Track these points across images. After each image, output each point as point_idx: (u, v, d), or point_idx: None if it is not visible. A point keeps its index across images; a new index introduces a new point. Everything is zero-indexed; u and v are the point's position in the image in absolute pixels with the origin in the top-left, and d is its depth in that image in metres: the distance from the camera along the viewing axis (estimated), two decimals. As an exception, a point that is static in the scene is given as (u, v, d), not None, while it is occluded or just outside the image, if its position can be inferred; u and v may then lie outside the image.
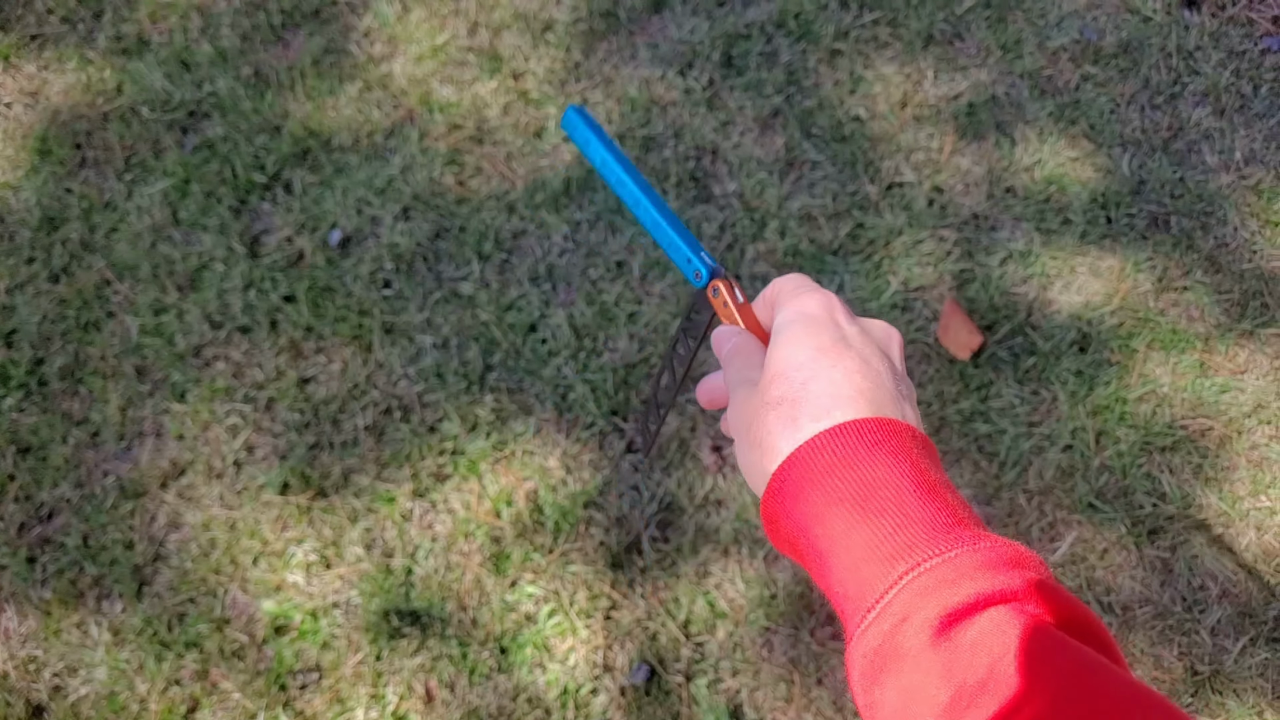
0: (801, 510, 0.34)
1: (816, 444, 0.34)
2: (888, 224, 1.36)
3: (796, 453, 0.34)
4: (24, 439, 1.28)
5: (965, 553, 0.31)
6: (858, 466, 0.33)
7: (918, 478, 0.33)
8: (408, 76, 1.50)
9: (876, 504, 0.32)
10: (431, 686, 1.13)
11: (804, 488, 0.34)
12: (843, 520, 0.33)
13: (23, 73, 1.55)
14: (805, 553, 0.35)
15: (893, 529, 0.32)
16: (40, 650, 1.15)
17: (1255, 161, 1.39)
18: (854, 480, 0.33)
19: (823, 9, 1.52)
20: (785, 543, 0.36)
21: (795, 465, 0.34)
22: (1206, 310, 1.30)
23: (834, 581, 0.33)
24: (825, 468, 0.34)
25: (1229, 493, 1.19)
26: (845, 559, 0.32)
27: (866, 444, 0.34)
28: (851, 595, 0.32)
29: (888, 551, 0.31)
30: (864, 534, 0.32)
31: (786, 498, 0.34)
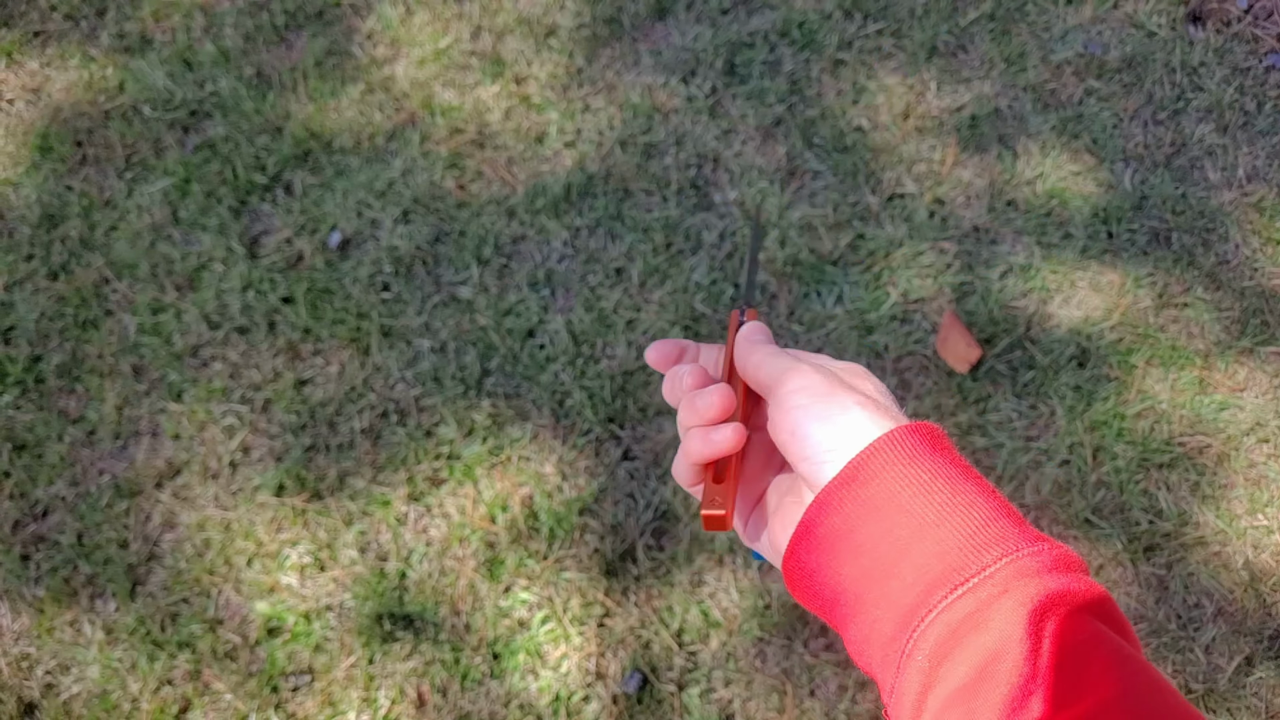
0: (877, 492, 0.34)
1: (896, 436, 0.34)
2: (888, 235, 1.36)
3: (877, 443, 0.34)
4: (20, 436, 1.28)
5: (1048, 548, 0.32)
6: (940, 462, 0.34)
7: (981, 480, 0.35)
8: (410, 79, 1.50)
9: (965, 496, 0.33)
10: (424, 691, 1.12)
11: (882, 473, 0.34)
12: (938, 502, 0.33)
13: (25, 69, 1.55)
14: (865, 544, 0.34)
15: (985, 519, 0.32)
16: (33, 648, 1.15)
17: (1258, 179, 1.39)
18: (941, 471, 0.34)
19: (827, 18, 1.52)
20: (832, 540, 0.35)
21: (875, 454, 0.34)
22: (1206, 327, 1.29)
23: (908, 569, 0.32)
24: (908, 454, 0.34)
25: (1226, 510, 1.19)
26: (932, 543, 0.32)
27: (934, 445, 0.35)
28: (933, 578, 0.32)
29: (985, 539, 0.32)
30: (960, 520, 0.33)
31: (861, 481, 0.34)
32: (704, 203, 1.40)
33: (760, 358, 0.40)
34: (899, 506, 0.33)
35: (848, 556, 0.34)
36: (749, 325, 0.44)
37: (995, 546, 0.32)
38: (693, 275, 1.34)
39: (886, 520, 0.33)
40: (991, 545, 0.32)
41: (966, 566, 0.31)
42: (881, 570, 0.33)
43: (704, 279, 1.34)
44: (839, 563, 0.34)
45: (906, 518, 0.33)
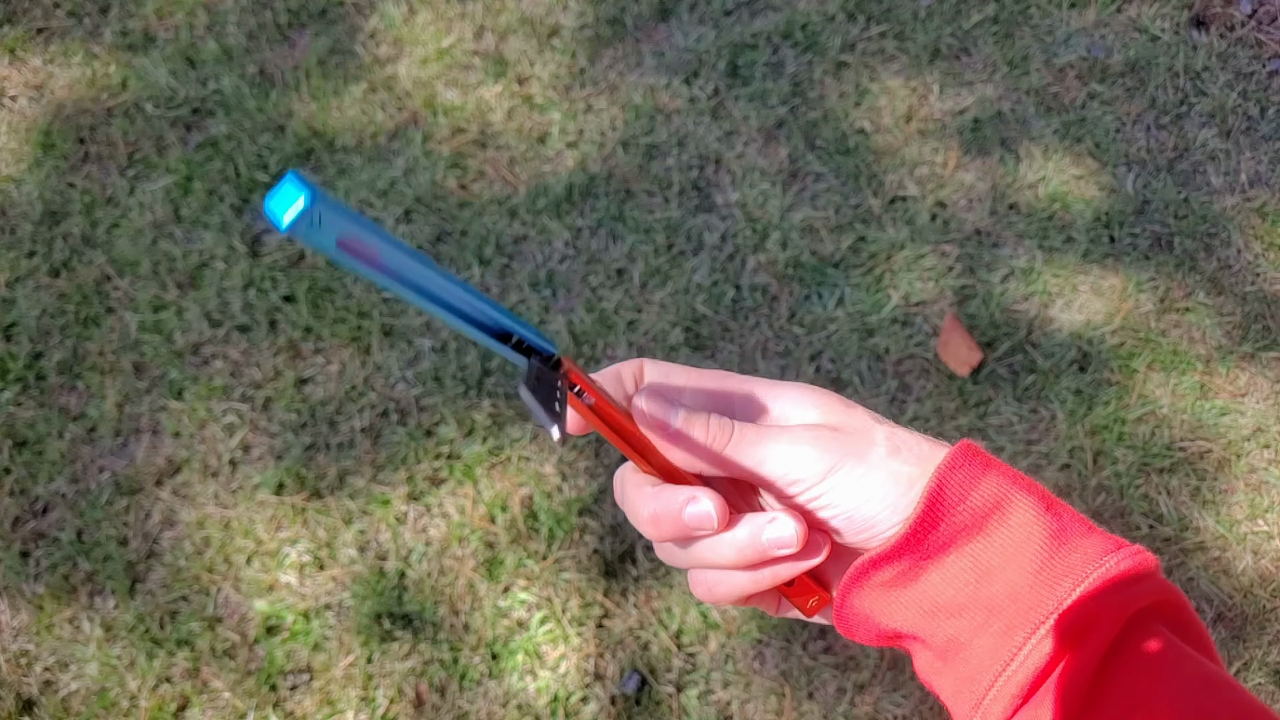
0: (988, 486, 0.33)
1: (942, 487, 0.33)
2: (890, 238, 1.36)
3: (926, 508, 0.32)
4: (20, 433, 1.28)
5: (1114, 563, 0.32)
6: (992, 489, 0.33)
7: None
8: (413, 79, 1.50)
9: (1022, 530, 0.33)
10: (422, 690, 1.12)
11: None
12: (1035, 504, 0.33)
13: (28, 66, 1.55)
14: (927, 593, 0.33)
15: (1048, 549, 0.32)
16: (32, 645, 1.15)
17: (1260, 184, 1.38)
18: (994, 499, 0.33)
19: (830, 20, 1.52)
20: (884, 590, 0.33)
21: (929, 517, 0.32)
22: (1208, 332, 1.29)
23: (979, 612, 0.32)
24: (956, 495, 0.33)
25: (1226, 516, 1.19)
26: (1002, 585, 0.32)
27: (974, 471, 0.33)
28: (1007, 622, 0.32)
29: (1052, 573, 0.32)
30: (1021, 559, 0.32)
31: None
32: (706, 204, 1.40)
33: (738, 453, 0.33)
34: (958, 553, 0.32)
35: (906, 602, 0.33)
36: (649, 405, 0.33)
37: (1063, 580, 0.31)
38: (694, 276, 1.34)
39: (947, 567, 0.32)
40: (1059, 580, 0.31)
41: (1040, 604, 0.31)
42: (947, 614, 0.32)
43: (705, 280, 1.34)
44: (895, 607, 0.33)
45: (970, 561, 0.32)
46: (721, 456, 0.33)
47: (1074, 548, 0.32)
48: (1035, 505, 0.33)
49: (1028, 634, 0.31)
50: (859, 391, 1.28)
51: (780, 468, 0.33)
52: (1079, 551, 0.32)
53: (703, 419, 0.33)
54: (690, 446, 0.33)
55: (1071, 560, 0.31)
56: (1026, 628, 0.31)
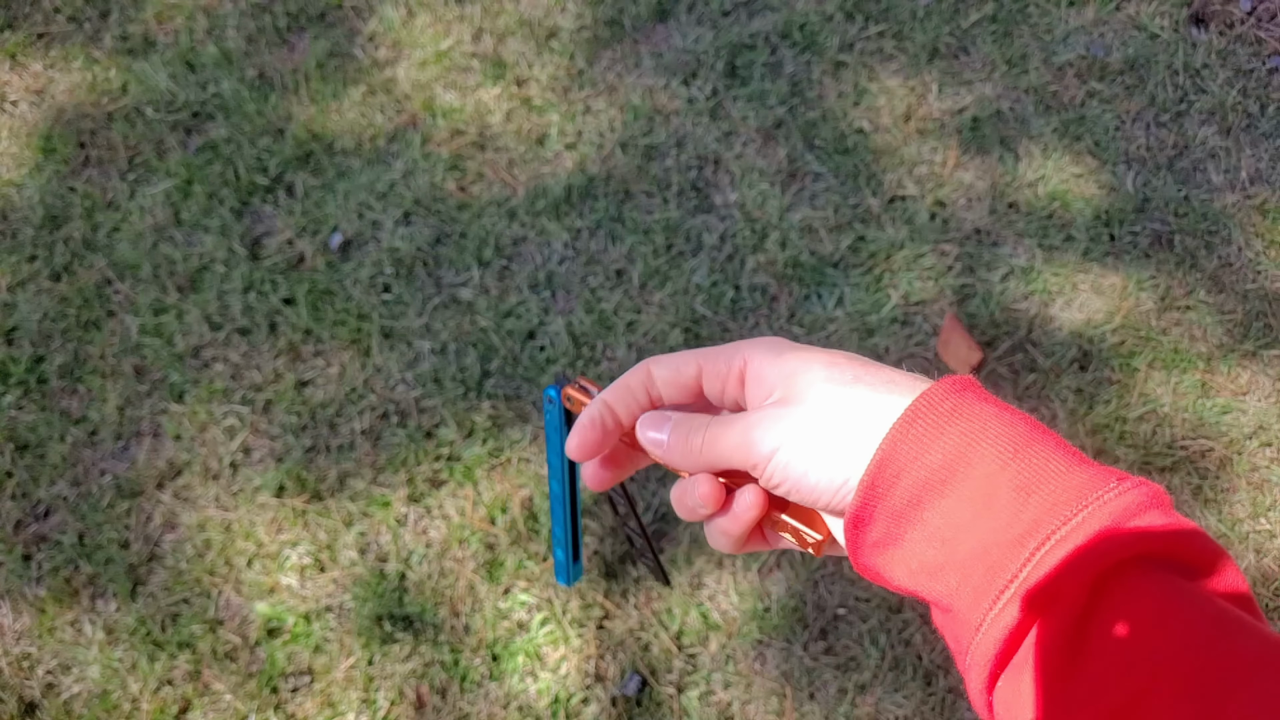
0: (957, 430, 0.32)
1: (937, 391, 0.32)
2: (889, 237, 1.36)
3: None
4: (22, 436, 1.28)
5: (1120, 492, 0.30)
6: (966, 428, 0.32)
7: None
8: (411, 81, 1.50)
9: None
10: (423, 692, 1.12)
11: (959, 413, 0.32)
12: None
13: (29, 71, 1.56)
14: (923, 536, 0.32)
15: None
16: (34, 647, 1.16)
17: (1261, 181, 1.38)
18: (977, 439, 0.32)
19: (828, 20, 1.52)
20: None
21: (934, 398, 0.32)
22: (1209, 330, 1.29)
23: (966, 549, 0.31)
24: (950, 410, 0.32)
25: (1228, 515, 1.18)
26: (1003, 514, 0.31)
27: (981, 396, 0.33)
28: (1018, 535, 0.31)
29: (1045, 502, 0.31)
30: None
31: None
32: (705, 205, 1.40)
33: (710, 443, 0.35)
34: (931, 508, 0.32)
35: (899, 563, 0.33)
36: (641, 430, 0.37)
37: (1031, 537, 0.30)
38: (693, 277, 1.34)
39: (923, 526, 0.32)
40: (1022, 541, 0.30)
41: (1005, 567, 0.30)
42: (930, 575, 0.32)
43: (704, 281, 1.34)
44: (893, 568, 0.33)
45: (941, 519, 0.31)
46: (699, 463, 0.36)
47: (1041, 498, 0.30)
48: (999, 454, 0.31)
49: (993, 599, 0.30)
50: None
51: (737, 456, 0.35)
52: (1046, 503, 0.30)
53: (682, 436, 0.36)
54: (682, 463, 0.37)
55: (1036, 513, 0.30)
56: (992, 592, 0.30)
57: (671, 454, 0.37)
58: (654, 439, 0.37)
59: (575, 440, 0.38)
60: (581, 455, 0.38)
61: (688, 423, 0.36)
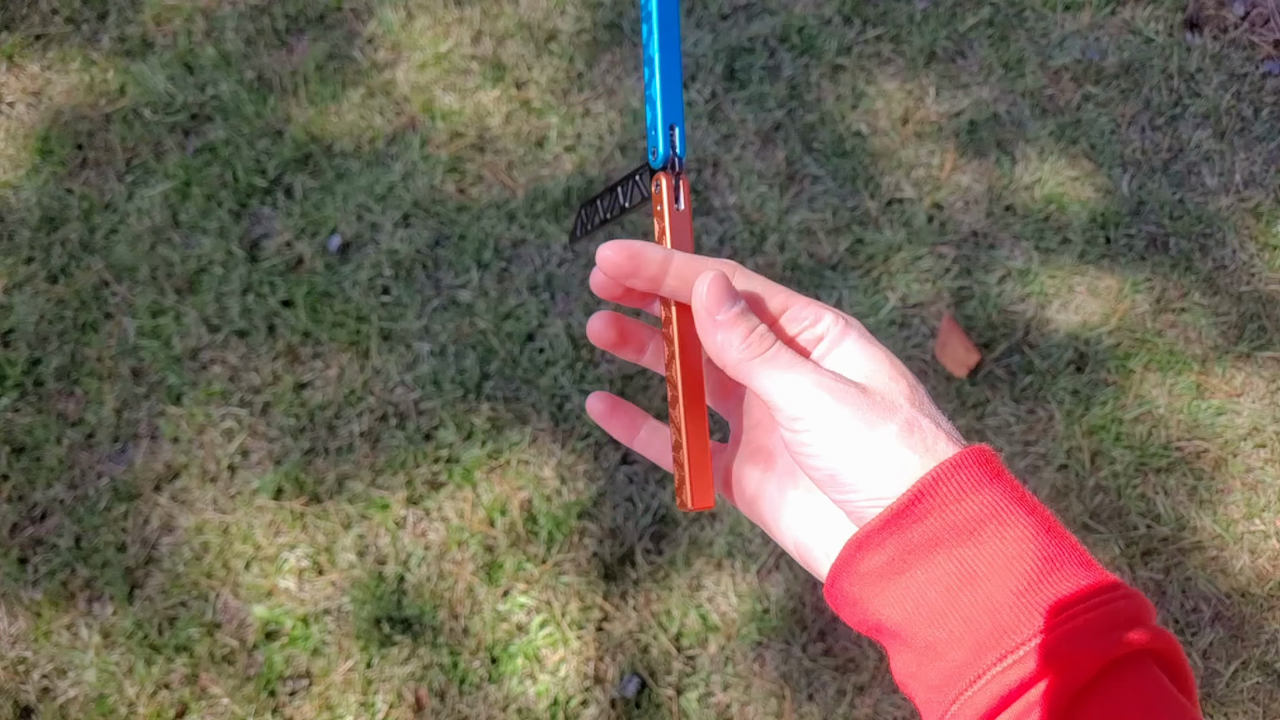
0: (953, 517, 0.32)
1: (944, 474, 0.32)
2: (887, 240, 1.36)
3: (923, 485, 0.32)
4: (18, 439, 1.27)
5: (1105, 607, 0.31)
6: (990, 497, 0.32)
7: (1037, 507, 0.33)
8: (411, 83, 1.51)
9: (1016, 543, 0.32)
10: (421, 695, 1.12)
11: (928, 517, 0.32)
12: (987, 551, 0.32)
13: (26, 72, 1.56)
14: (910, 588, 0.32)
15: (1038, 570, 0.31)
16: (30, 651, 1.15)
17: (1255, 184, 1.39)
18: (991, 508, 0.32)
19: (826, 24, 1.52)
20: (874, 578, 0.33)
21: (921, 498, 0.32)
22: (1204, 332, 1.30)
23: (956, 621, 0.31)
24: (955, 493, 0.32)
25: (1223, 515, 1.19)
26: (983, 597, 0.31)
27: (982, 476, 0.33)
28: (983, 637, 0.31)
29: (1036, 598, 0.31)
30: (1010, 572, 0.31)
31: (905, 526, 0.32)
32: (703, 207, 1.40)
33: (762, 368, 0.34)
34: (945, 554, 0.32)
35: (892, 596, 0.33)
36: (712, 287, 0.34)
37: (1044, 610, 0.30)
38: (692, 279, 1.34)
39: (933, 566, 0.32)
40: (1040, 608, 0.30)
41: (1018, 629, 0.30)
42: (927, 617, 0.32)
43: (703, 283, 1.34)
44: (881, 599, 0.33)
45: (955, 565, 0.31)
46: (747, 366, 0.34)
47: (1065, 577, 0.31)
48: (1034, 525, 0.32)
49: (1000, 654, 0.30)
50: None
51: (793, 402, 0.33)
52: (1070, 582, 0.31)
53: (750, 324, 0.34)
54: (724, 341, 0.34)
55: (1061, 589, 0.31)
56: (1000, 648, 0.30)
57: (728, 336, 0.34)
58: (715, 298, 0.34)
59: (613, 254, 0.34)
60: (610, 270, 0.34)
61: (757, 323, 0.34)
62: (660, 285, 0.36)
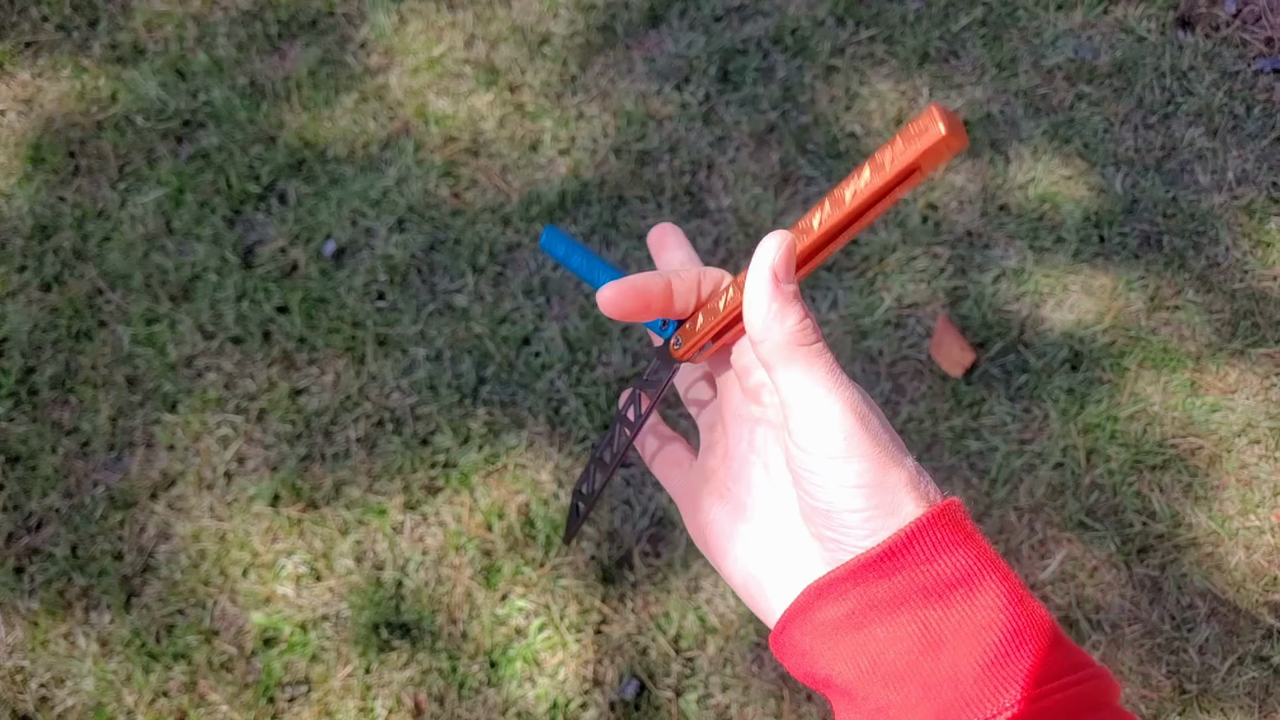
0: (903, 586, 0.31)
1: (918, 531, 0.31)
2: (882, 240, 1.37)
3: (898, 539, 0.30)
4: (13, 448, 1.27)
5: (1069, 689, 0.30)
6: (959, 560, 0.31)
7: (1010, 579, 0.31)
8: (404, 88, 1.50)
9: (986, 612, 0.31)
10: (420, 700, 1.12)
11: (897, 573, 0.30)
12: (955, 616, 0.30)
13: (17, 80, 1.55)
14: (869, 645, 0.31)
15: (1005, 643, 0.30)
16: (27, 661, 1.15)
17: (1247, 182, 1.40)
18: (962, 570, 0.31)
19: (819, 25, 1.53)
20: (831, 629, 0.31)
21: (894, 553, 0.30)
22: (1198, 329, 1.30)
23: (915, 688, 0.30)
24: (928, 552, 0.31)
25: (1218, 512, 1.20)
26: (946, 665, 0.30)
27: (953, 538, 0.31)
28: (941, 707, 0.30)
29: (1003, 674, 0.30)
30: (975, 642, 0.30)
31: (872, 580, 0.31)
32: (698, 209, 1.40)
33: (803, 360, 0.31)
34: (911, 614, 0.30)
35: (847, 651, 0.31)
36: (786, 250, 0.31)
37: (1012, 685, 0.29)
38: (687, 282, 1.34)
39: (897, 626, 0.30)
40: (1008, 683, 0.29)
41: (982, 703, 0.29)
42: (883, 679, 0.30)
43: (698, 285, 1.34)
44: (835, 653, 0.31)
45: (920, 627, 0.30)
46: (787, 350, 0.31)
47: (1034, 652, 0.29)
48: (1006, 593, 0.30)
49: None
50: (853, 394, 1.28)
51: (820, 416, 0.31)
52: (1036, 658, 0.29)
53: (806, 309, 0.32)
54: (779, 312, 0.31)
55: (1029, 664, 0.29)
56: None
57: (785, 309, 0.31)
58: (790, 275, 0.32)
59: (614, 296, 0.34)
60: (616, 313, 0.34)
61: (810, 313, 0.33)
62: (672, 308, 0.35)
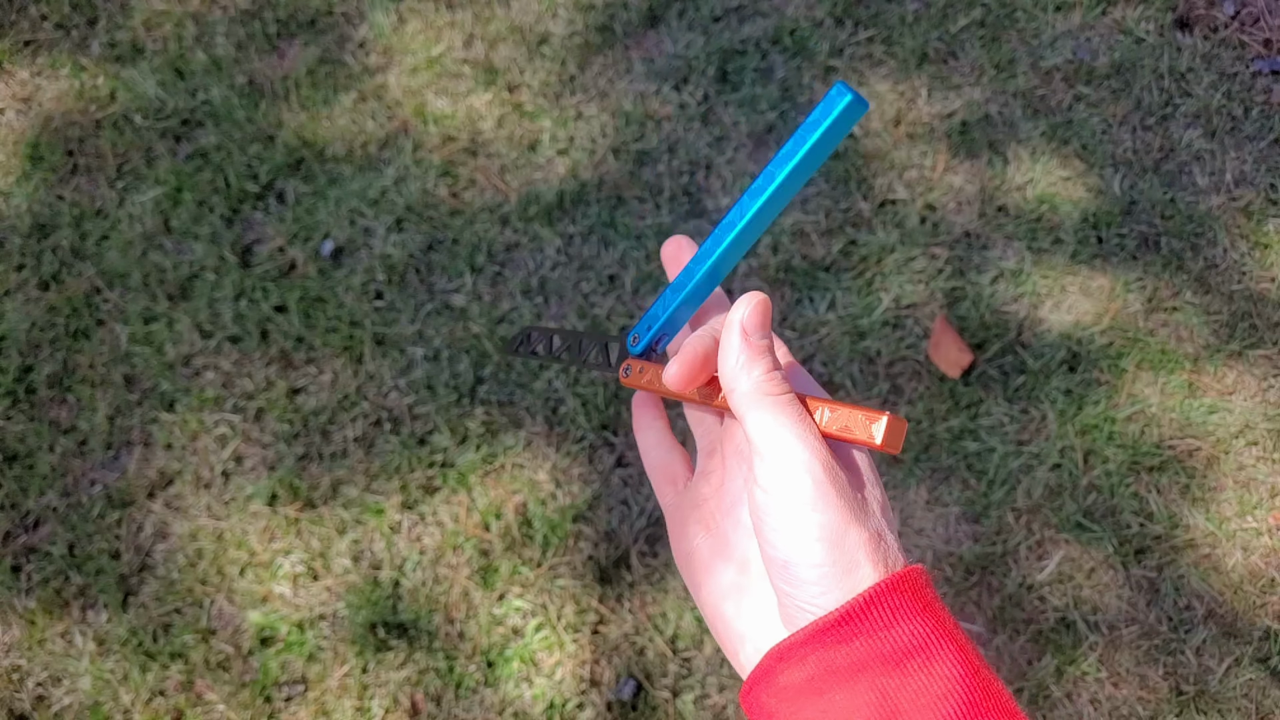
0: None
1: (876, 598, 0.31)
2: (880, 241, 1.37)
3: (855, 605, 0.31)
4: (11, 447, 1.27)
5: None
6: (918, 628, 0.31)
7: (968, 653, 0.32)
8: (403, 88, 1.50)
9: (941, 681, 0.31)
10: (417, 700, 1.12)
11: (854, 640, 0.31)
12: (912, 686, 0.31)
13: (16, 79, 1.55)
14: (830, 711, 0.31)
15: (959, 712, 0.30)
16: (24, 660, 1.15)
17: (1245, 183, 1.40)
18: (919, 640, 0.31)
19: (818, 26, 1.53)
20: (794, 693, 0.32)
21: (850, 619, 0.31)
22: (1195, 331, 1.30)
23: None
24: (884, 620, 0.31)
25: (1216, 513, 1.20)
26: None
27: (912, 606, 0.31)
28: None
29: None
30: (930, 714, 0.30)
31: (831, 644, 0.31)
32: (696, 209, 1.40)
33: (768, 408, 0.33)
34: (869, 683, 0.30)
35: (810, 716, 0.31)
36: (759, 306, 0.34)
37: None
38: (685, 282, 1.34)
39: (855, 694, 0.31)
40: None
41: None
42: None
43: (696, 285, 1.34)
44: (799, 718, 0.32)
45: (878, 696, 0.30)
46: (753, 399, 0.33)
47: None
48: (962, 665, 0.31)
49: None
50: (851, 394, 1.28)
51: (781, 462, 0.32)
52: None
53: (775, 361, 0.34)
54: (746, 362, 0.33)
55: None
56: None
57: (753, 359, 0.33)
58: (761, 330, 0.34)
59: (681, 371, 0.35)
60: (686, 385, 0.35)
61: (780, 368, 0.34)
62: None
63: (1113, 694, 1.11)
